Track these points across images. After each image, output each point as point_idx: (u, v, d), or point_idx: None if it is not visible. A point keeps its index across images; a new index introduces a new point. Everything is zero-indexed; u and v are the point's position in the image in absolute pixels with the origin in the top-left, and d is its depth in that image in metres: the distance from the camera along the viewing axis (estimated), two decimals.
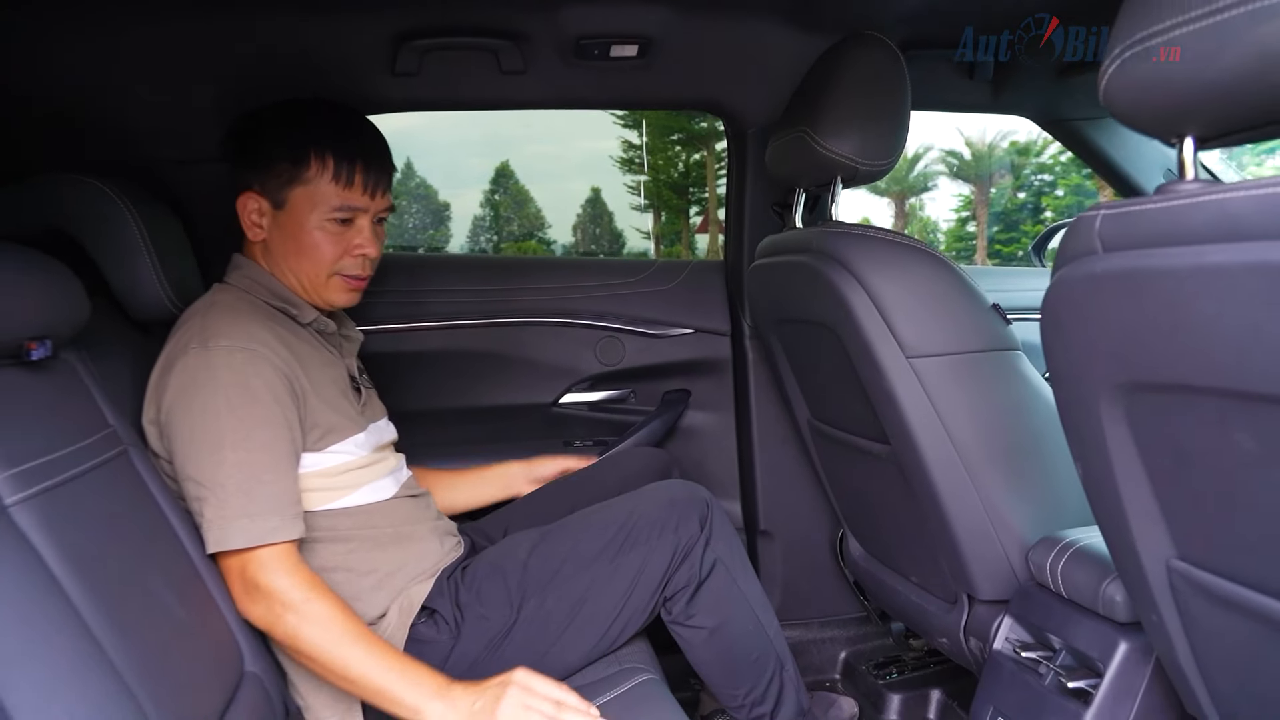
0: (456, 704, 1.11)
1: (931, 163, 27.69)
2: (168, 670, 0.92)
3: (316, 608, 1.13)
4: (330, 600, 1.14)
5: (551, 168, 38.56)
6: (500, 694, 1.10)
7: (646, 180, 22.82)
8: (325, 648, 1.12)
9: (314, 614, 1.12)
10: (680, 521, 1.37)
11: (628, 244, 25.93)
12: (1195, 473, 0.82)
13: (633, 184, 24.57)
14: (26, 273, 0.93)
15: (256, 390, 1.18)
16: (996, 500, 1.35)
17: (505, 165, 25.65)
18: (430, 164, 26.09)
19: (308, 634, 1.12)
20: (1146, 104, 0.74)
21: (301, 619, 1.12)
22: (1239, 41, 0.62)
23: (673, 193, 22.36)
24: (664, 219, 24.41)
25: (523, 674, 1.13)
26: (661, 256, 9.27)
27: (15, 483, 0.82)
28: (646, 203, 22.89)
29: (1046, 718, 1.19)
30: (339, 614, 1.14)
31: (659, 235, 23.04)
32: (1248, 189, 0.65)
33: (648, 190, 22.83)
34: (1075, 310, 0.84)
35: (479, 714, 1.09)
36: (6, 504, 0.80)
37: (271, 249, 1.34)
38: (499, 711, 1.09)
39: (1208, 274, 0.67)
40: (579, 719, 1.11)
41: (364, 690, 1.13)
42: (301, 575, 1.15)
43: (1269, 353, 0.65)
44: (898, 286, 1.35)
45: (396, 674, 1.12)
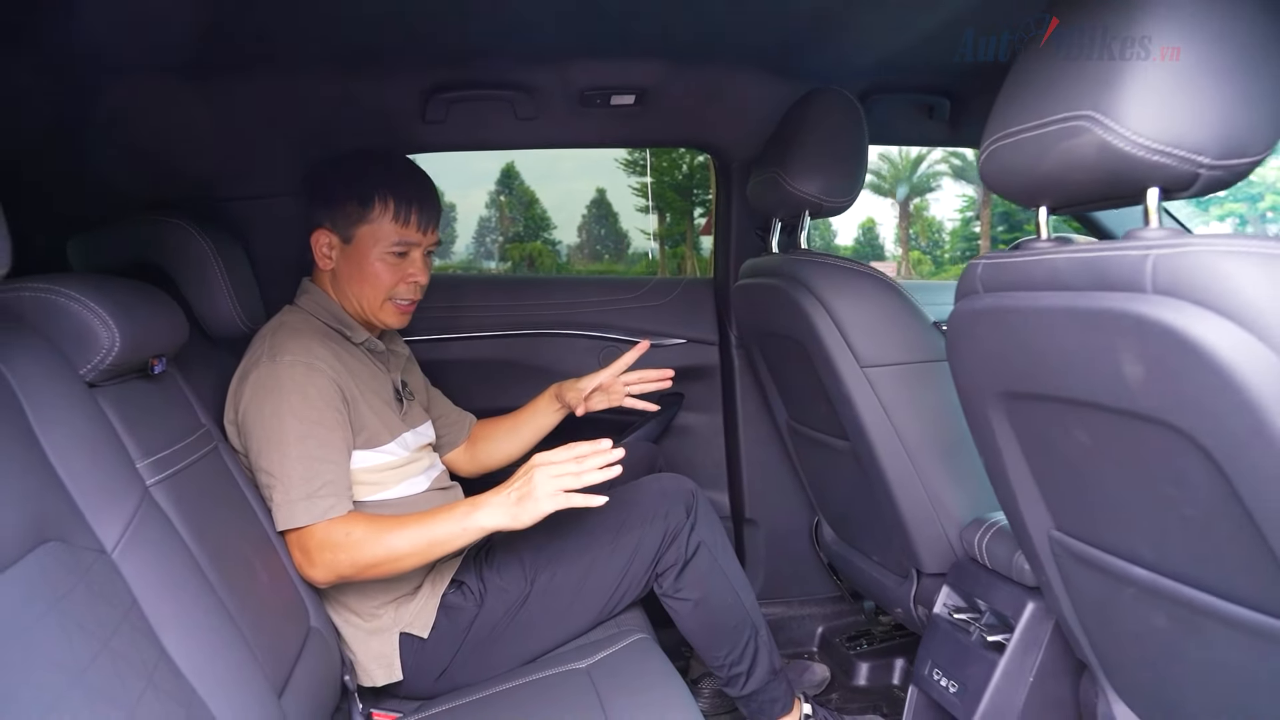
0: (494, 504, 1.34)
1: (934, 164, 27.85)
2: (264, 622, 1.17)
3: (357, 534, 1.36)
4: (361, 521, 1.38)
5: (557, 168, 38.80)
6: (529, 477, 1.32)
7: (650, 181, 23.05)
8: (380, 551, 1.35)
9: (357, 538, 1.36)
10: (670, 510, 1.62)
11: (633, 245, 26.14)
12: (1057, 461, 1.06)
13: (637, 186, 24.77)
14: (150, 305, 1.18)
15: (314, 398, 1.43)
16: (936, 488, 1.60)
17: (510, 166, 25.87)
18: (436, 165, 26.15)
19: (362, 553, 1.35)
20: (1009, 183, 0.98)
21: (352, 548, 1.36)
22: (1053, 149, 0.86)
23: (676, 194, 22.57)
24: (668, 220, 24.61)
25: (539, 456, 1.34)
26: (666, 256, 9.61)
27: (153, 469, 1.08)
28: (650, 204, 23.09)
29: (971, 667, 1.43)
30: (371, 525, 1.37)
31: (663, 236, 23.25)
32: (1070, 251, 0.90)
33: (651, 191, 23.05)
34: (965, 336, 1.09)
35: (522, 499, 1.31)
36: (149, 484, 1.05)
37: (339, 276, 1.58)
38: (535, 489, 1.30)
39: (1041, 313, 0.92)
40: (597, 458, 1.32)
41: (427, 551, 1.37)
42: (342, 530, 1.39)
43: (1079, 372, 0.89)
44: (854, 307, 1.59)
45: (436, 522, 1.36)
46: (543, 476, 1.32)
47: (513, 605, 1.56)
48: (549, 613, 1.57)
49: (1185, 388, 0.78)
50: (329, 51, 1.61)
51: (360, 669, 1.51)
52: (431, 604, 1.55)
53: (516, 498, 1.33)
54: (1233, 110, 0.78)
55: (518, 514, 1.32)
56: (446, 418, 1.88)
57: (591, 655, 1.51)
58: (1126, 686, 1.18)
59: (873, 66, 1.90)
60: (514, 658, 1.55)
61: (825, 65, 1.87)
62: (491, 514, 1.34)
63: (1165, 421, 0.82)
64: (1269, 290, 0.72)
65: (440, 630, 1.53)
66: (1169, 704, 1.09)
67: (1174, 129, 0.78)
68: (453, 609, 1.55)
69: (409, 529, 1.36)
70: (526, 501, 1.32)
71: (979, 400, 1.13)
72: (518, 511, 1.32)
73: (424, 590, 1.56)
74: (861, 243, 32.31)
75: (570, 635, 1.59)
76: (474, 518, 1.35)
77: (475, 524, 1.35)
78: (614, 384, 1.82)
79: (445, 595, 1.56)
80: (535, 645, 1.56)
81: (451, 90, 1.81)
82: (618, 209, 25.64)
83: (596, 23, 1.62)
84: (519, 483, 1.34)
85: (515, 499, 1.33)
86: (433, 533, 1.36)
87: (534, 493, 1.31)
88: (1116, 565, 1.04)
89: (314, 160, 1.69)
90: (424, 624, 1.53)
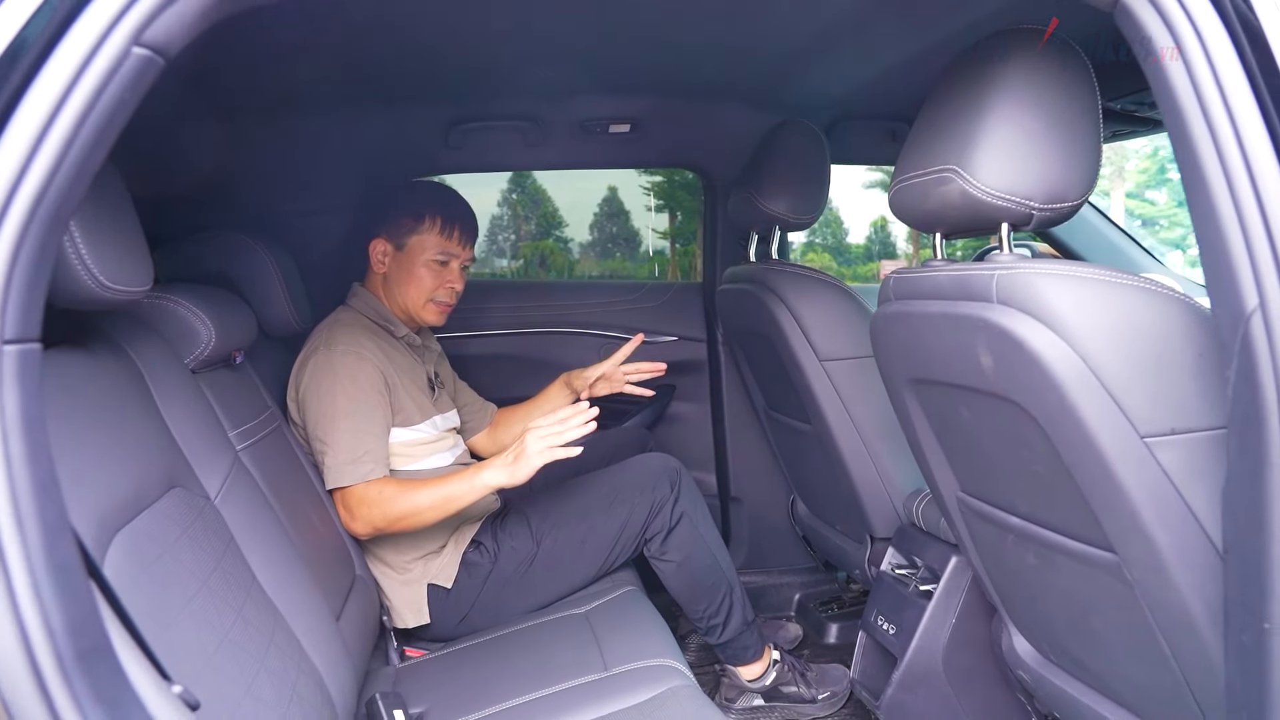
0: (495, 465, 1.63)
1: None
2: (322, 563, 1.46)
3: (388, 493, 1.66)
4: (392, 483, 1.67)
5: None
6: (522, 441, 1.61)
7: (660, 181, 23.19)
8: (406, 506, 1.65)
9: (388, 496, 1.66)
10: (656, 484, 1.89)
11: (644, 243, 26.29)
12: (954, 434, 1.34)
13: (648, 185, 24.90)
14: (233, 308, 1.48)
15: (361, 381, 1.72)
16: (884, 464, 1.87)
17: None
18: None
19: (392, 508, 1.65)
20: (910, 215, 1.25)
21: (384, 504, 1.65)
22: (931, 193, 1.14)
23: (686, 194, 22.70)
24: (679, 219, 24.72)
25: (531, 425, 1.63)
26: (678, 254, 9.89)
27: (240, 438, 1.37)
28: (660, 203, 23.20)
29: (907, 611, 1.70)
30: (400, 485, 1.67)
31: (674, 235, 23.35)
32: (948, 269, 1.17)
33: (661, 190, 23.18)
34: (882, 334, 1.37)
35: (518, 458, 1.60)
36: (238, 450, 1.34)
37: (389, 279, 1.88)
38: (528, 449, 1.59)
39: (929, 316, 1.20)
40: (577, 418, 1.61)
41: (444, 506, 1.65)
42: (376, 489, 1.68)
43: (955, 362, 1.16)
44: (813, 310, 1.87)
45: (450, 482, 1.66)
46: (533, 438, 1.61)
47: (522, 562, 1.84)
48: (553, 569, 1.85)
49: (1018, 373, 1.05)
50: (371, 91, 1.90)
51: (395, 613, 1.80)
52: (454, 560, 1.83)
53: (513, 458, 1.62)
54: (1053, 168, 1.05)
55: (514, 471, 1.61)
56: (471, 406, 2.17)
57: (589, 603, 1.80)
58: (1019, 619, 1.45)
59: (838, 98, 2.17)
60: (523, 606, 1.83)
61: (796, 98, 2.14)
62: (494, 473, 1.64)
63: (1010, 399, 1.09)
64: (1070, 301, 0.99)
65: (461, 582, 1.81)
66: (1045, 628, 1.37)
67: (1011, 182, 1.06)
68: (472, 565, 1.83)
69: (429, 488, 1.66)
70: (520, 460, 1.61)
71: (896, 386, 1.40)
72: (514, 469, 1.61)
73: (448, 548, 1.85)
74: (873, 240, 32.08)
75: (571, 589, 1.87)
76: (480, 477, 1.65)
77: (481, 481, 1.64)
78: (615, 373, 2.10)
79: (466, 553, 1.84)
80: (541, 596, 1.85)
81: (470, 121, 2.10)
82: (629, 207, 25.77)
83: (597, 64, 1.90)
84: (515, 446, 1.63)
85: (511, 459, 1.62)
86: (448, 490, 1.65)
87: (525, 451, 1.60)
88: (1000, 516, 1.31)
89: (355, 181, 1.99)
90: (448, 576, 1.81)
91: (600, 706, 1.38)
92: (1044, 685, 1.42)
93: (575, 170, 2.70)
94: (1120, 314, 0.97)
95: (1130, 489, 0.99)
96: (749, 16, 1.64)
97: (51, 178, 0.68)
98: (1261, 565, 0.80)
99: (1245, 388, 0.80)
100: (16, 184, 0.66)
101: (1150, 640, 1.09)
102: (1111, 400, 0.97)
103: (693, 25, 1.69)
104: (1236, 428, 0.83)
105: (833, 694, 2.01)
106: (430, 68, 1.82)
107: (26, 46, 0.68)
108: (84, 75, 0.68)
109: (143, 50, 0.72)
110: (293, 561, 1.34)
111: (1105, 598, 1.14)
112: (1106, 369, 0.97)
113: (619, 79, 2.01)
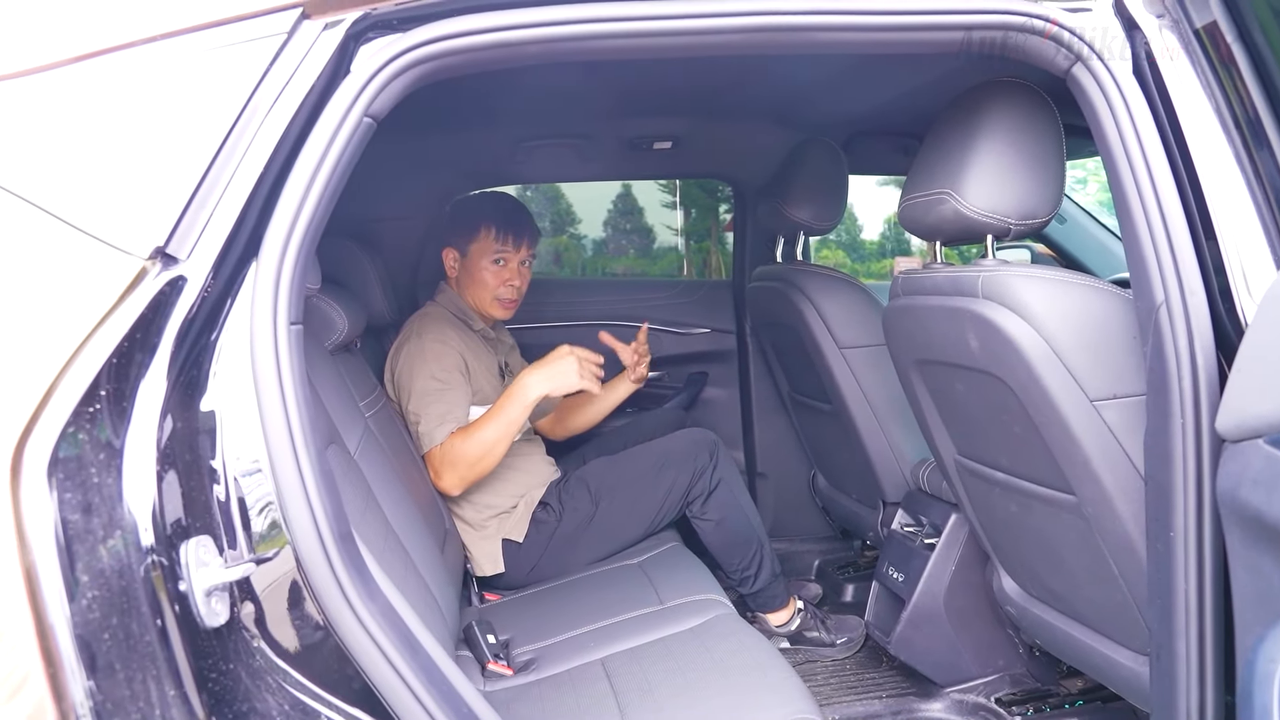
0: (537, 378, 1.91)
1: None
2: (424, 509, 1.77)
3: (457, 444, 1.93)
4: (457, 435, 1.94)
5: None
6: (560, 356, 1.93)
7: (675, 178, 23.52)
8: (476, 446, 1.91)
9: (459, 446, 1.92)
10: (697, 454, 2.19)
11: (658, 239, 26.59)
12: (950, 405, 1.63)
13: (663, 182, 25.23)
14: (351, 303, 1.79)
15: (445, 363, 2.03)
16: (895, 437, 2.17)
17: None
18: None
19: (467, 453, 1.91)
20: (916, 228, 1.54)
21: (459, 453, 1.92)
22: (931, 210, 1.43)
23: (701, 191, 23.00)
24: (693, 215, 25.03)
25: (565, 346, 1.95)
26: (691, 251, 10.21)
27: (367, 407, 1.68)
28: (674, 200, 23.49)
29: (914, 561, 1.99)
30: (463, 433, 1.94)
31: (688, 232, 23.68)
32: (944, 270, 1.47)
33: (673, 186, 23.49)
34: (892, 323, 1.66)
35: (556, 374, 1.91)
36: (365, 415, 1.65)
37: (460, 281, 2.19)
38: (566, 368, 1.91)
39: (930, 309, 1.49)
40: (592, 366, 1.94)
41: (507, 430, 1.91)
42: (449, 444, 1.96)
43: (950, 345, 1.46)
44: (834, 304, 2.16)
45: (501, 410, 1.91)
46: (573, 360, 1.92)
47: (582, 521, 2.14)
48: (609, 527, 2.16)
49: (998, 352, 1.34)
50: (450, 114, 2.21)
51: (475, 562, 2.11)
52: (525, 518, 2.14)
53: (553, 374, 1.92)
54: (1026, 190, 1.34)
55: (551, 375, 1.92)
56: None
57: (640, 555, 2.10)
58: (1006, 561, 1.74)
59: (855, 117, 2.47)
60: (584, 559, 2.14)
61: (818, 118, 2.44)
62: (536, 381, 1.92)
63: (992, 373, 1.39)
64: (1037, 296, 1.28)
65: (531, 537, 2.12)
66: (1026, 566, 1.66)
67: (992, 202, 1.35)
68: (540, 522, 2.14)
69: (487, 424, 1.93)
70: (559, 376, 1.92)
71: (904, 367, 1.70)
72: (551, 374, 1.92)
73: (519, 508, 2.15)
74: (887, 237, 31.93)
75: (625, 545, 2.17)
76: (525, 391, 1.92)
77: (528, 395, 1.92)
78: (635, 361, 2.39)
79: (535, 512, 2.15)
80: (599, 550, 2.15)
81: (533, 140, 2.40)
82: (643, 204, 26.05)
83: (644, 92, 2.20)
84: (554, 360, 1.93)
85: (551, 373, 1.92)
86: (504, 415, 1.92)
87: (565, 371, 1.91)
88: (987, 472, 1.60)
89: (430, 191, 2.30)
90: (519, 532, 2.12)
91: (659, 630, 1.68)
92: (1026, 616, 1.71)
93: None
94: (1074, 306, 1.27)
95: (1083, 441, 1.28)
96: (778, 53, 1.93)
97: (315, 210, 0.98)
98: (1169, 490, 1.10)
99: (1156, 360, 1.09)
100: (296, 215, 0.97)
101: (1103, 564, 1.38)
102: (1067, 372, 1.26)
103: (728, 62, 1.98)
104: (1152, 390, 1.12)
105: (849, 639, 2.31)
106: (506, 96, 2.12)
107: (296, 119, 0.99)
108: (336, 138, 0.99)
109: (368, 119, 1.02)
110: (408, 504, 1.65)
111: (1069, 533, 1.44)
112: (1063, 348, 1.26)
113: (662, 103, 2.31)
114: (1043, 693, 1.90)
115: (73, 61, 0.94)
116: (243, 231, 0.95)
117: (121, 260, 0.89)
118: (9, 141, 0.92)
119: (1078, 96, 1.16)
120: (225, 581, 0.86)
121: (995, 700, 1.91)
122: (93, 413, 0.81)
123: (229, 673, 0.86)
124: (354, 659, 0.94)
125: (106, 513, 0.80)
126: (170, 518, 0.84)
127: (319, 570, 0.92)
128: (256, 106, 0.96)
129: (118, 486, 0.81)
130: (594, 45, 1.08)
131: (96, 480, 0.80)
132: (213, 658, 0.85)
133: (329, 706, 0.93)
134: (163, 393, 0.86)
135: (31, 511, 0.76)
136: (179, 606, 0.82)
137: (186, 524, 0.86)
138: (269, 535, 0.93)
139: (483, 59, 1.06)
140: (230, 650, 0.87)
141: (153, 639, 0.79)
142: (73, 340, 0.83)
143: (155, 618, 0.80)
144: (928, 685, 1.99)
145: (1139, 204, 1.09)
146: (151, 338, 0.87)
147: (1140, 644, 1.40)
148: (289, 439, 0.93)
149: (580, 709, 1.43)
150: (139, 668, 0.78)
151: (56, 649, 0.74)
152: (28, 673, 0.74)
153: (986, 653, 1.94)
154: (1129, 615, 1.40)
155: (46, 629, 0.75)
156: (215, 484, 0.91)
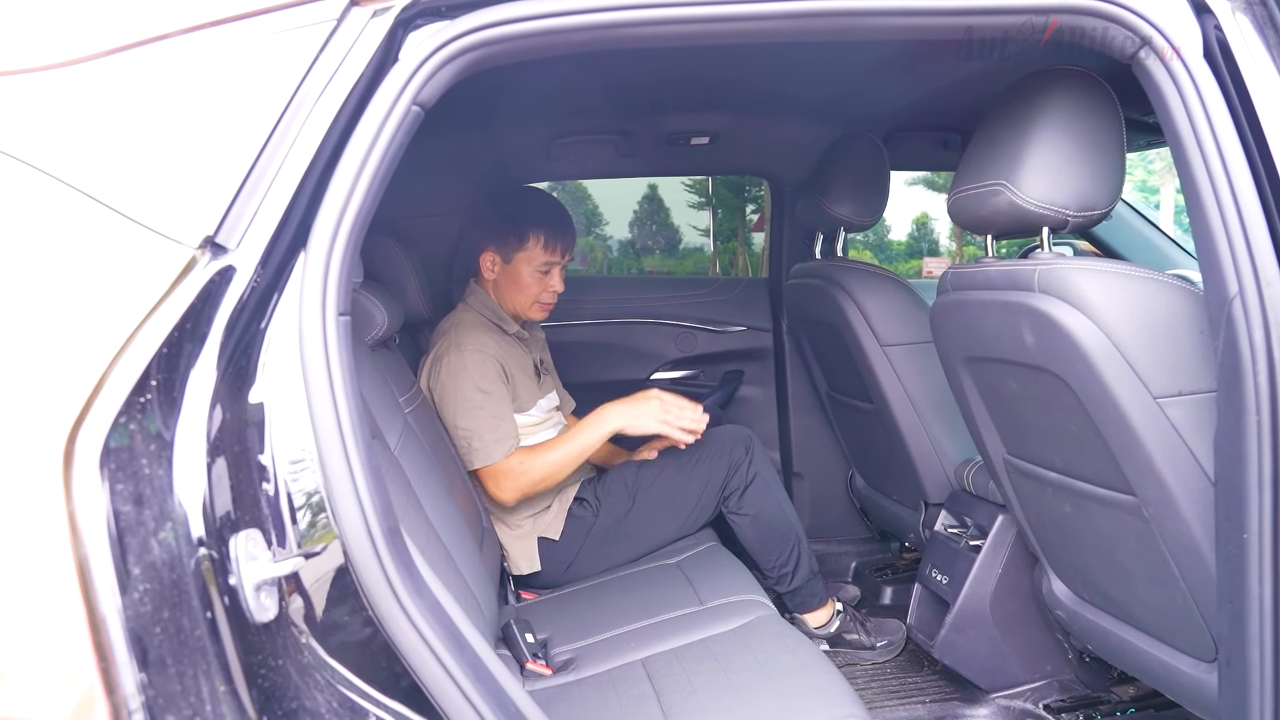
0: (617, 411, 1.97)
1: None
2: (463, 508, 1.76)
3: (527, 462, 1.96)
4: (526, 453, 1.97)
5: None
6: (648, 399, 1.97)
7: (702, 179, 23.37)
8: (545, 468, 1.96)
9: (528, 465, 1.95)
10: (733, 449, 2.16)
11: (684, 240, 26.48)
12: (1000, 403, 1.59)
13: (690, 182, 25.10)
14: (389, 299, 1.78)
15: (490, 375, 2.01)
16: (938, 436, 2.12)
17: None
18: None
19: (535, 472, 1.95)
20: (966, 220, 1.50)
21: (526, 472, 1.95)
22: (985, 202, 1.39)
23: (728, 191, 22.86)
24: (720, 215, 24.87)
25: (657, 391, 1.99)
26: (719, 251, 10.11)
27: (408, 403, 1.67)
28: (701, 200, 23.35)
29: (958, 564, 1.95)
30: (533, 453, 1.97)
31: (715, 232, 23.53)
32: (997, 265, 1.43)
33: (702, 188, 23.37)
34: (940, 319, 1.62)
35: (638, 416, 1.96)
36: (405, 412, 1.64)
37: (498, 285, 2.16)
38: (650, 405, 1.95)
39: (982, 304, 1.45)
40: (693, 413, 1.98)
41: (578, 456, 1.97)
42: (516, 460, 1.97)
43: (1004, 341, 1.42)
44: (876, 301, 2.12)
45: (576, 435, 1.97)
46: (657, 401, 1.93)
47: (619, 516, 2.12)
48: (646, 522, 2.13)
49: (1055, 348, 1.30)
50: (492, 113, 2.19)
51: (511, 561, 2.10)
52: (561, 515, 2.12)
53: (635, 413, 1.95)
54: (1085, 181, 1.30)
55: (633, 415, 1.96)
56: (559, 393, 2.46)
57: (678, 555, 2.08)
58: (1057, 564, 1.70)
59: (894, 112, 2.42)
60: (621, 557, 2.12)
61: (857, 113, 2.40)
62: (617, 417, 1.96)
63: (1049, 370, 1.35)
64: (1097, 290, 1.24)
65: (567, 534, 2.10)
66: (1079, 569, 1.61)
67: (1049, 194, 1.31)
68: (576, 518, 2.12)
69: (559, 446, 1.96)
70: (640, 418, 1.95)
71: (952, 364, 1.66)
72: (633, 415, 1.96)
73: (554, 507, 2.14)
74: (915, 237, 31.71)
75: (662, 541, 2.15)
76: (604, 422, 1.96)
77: (605, 426, 1.96)
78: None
79: (571, 508, 2.13)
80: (637, 547, 2.13)
81: (570, 136, 2.38)
82: (669, 204, 25.95)
83: (682, 87, 2.17)
84: (640, 400, 1.95)
85: (633, 414, 1.95)
86: (578, 442, 1.96)
87: (646, 413, 1.94)
88: (1040, 473, 1.56)
89: (465, 188, 2.28)
90: (555, 530, 2.10)
91: (700, 631, 1.66)
92: (1078, 621, 1.66)
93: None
94: (1137, 300, 1.22)
95: (1146, 440, 1.24)
96: (817, 45, 1.89)
97: (364, 199, 0.97)
98: (1242, 490, 1.05)
99: (1229, 356, 1.05)
100: (345, 204, 0.95)
101: (1164, 566, 1.33)
102: (1130, 368, 1.22)
103: (767, 57, 1.95)
104: (1223, 387, 1.08)
105: (890, 642, 2.26)
106: (543, 91, 2.10)
107: (345, 107, 0.97)
108: (384, 127, 0.97)
109: (416, 107, 1.01)
110: (447, 500, 1.63)
111: (1128, 534, 1.39)
112: (1126, 343, 1.22)
113: (700, 99, 2.29)
114: (1093, 700, 1.85)
115: (121, 50, 0.93)
116: (291, 221, 0.94)
117: (172, 249, 0.88)
118: (60, 131, 0.91)
119: (1144, 83, 1.12)
120: (274, 576, 0.85)
121: (1043, 707, 1.86)
122: (144, 403, 0.80)
123: (278, 669, 0.85)
124: (403, 656, 0.92)
125: (158, 504, 0.78)
126: (220, 510, 0.83)
127: (368, 566, 0.91)
128: (305, 95, 0.95)
129: (168, 478, 0.80)
130: (644, 32, 1.06)
131: (148, 472, 0.79)
132: (262, 654, 0.83)
133: (377, 705, 0.91)
134: (212, 383, 0.85)
135: (84, 502, 0.75)
136: (229, 600, 0.81)
137: (236, 517, 0.85)
138: (317, 529, 0.92)
139: (531, 46, 1.04)
140: (279, 646, 0.86)
141: (203, 634, 0.78)
142: (124, 330, 0.82)
143: (205, 612, 0.78)
144: (973, 690, 1.94)
145: (1211, 193, 1.04)
146: (201, 328, 0.86)
147: (1202, 650, 1.35)
148: (338, 431, 0.92)
149: (623, 710, 1.41)
150: (190, 663, 0.77)
151: (109, 642, 0.73)
152: (75, 664, 0.73)
153: (1034, 658, 1.89)
154: (1190, 620, 1.35)
155: (99, 622, 0.73)
156: (264, 477, 0.90)
